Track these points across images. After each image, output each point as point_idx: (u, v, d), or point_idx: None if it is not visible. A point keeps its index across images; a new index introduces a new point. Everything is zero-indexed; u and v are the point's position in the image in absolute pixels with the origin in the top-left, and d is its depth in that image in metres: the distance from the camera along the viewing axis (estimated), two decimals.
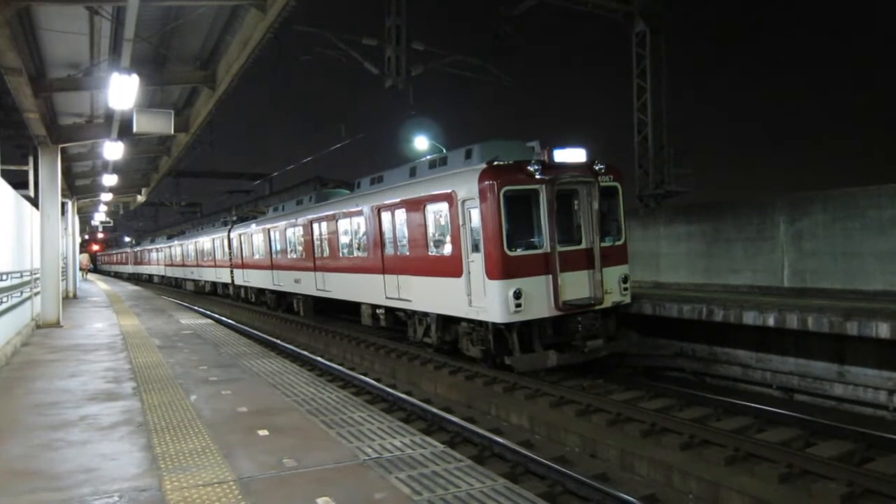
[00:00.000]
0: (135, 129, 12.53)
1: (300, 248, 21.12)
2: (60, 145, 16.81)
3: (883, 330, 9.87)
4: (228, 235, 29.94)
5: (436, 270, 12.90)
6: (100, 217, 40.65)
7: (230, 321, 24.46)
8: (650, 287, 17.35)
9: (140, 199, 36.28)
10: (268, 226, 24.39)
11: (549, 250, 11.47)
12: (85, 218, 44.05)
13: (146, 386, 8.89)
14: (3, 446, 6.32)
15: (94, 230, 62.75)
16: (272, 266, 24.16)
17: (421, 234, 13.36)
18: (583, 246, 12.03)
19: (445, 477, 5.25)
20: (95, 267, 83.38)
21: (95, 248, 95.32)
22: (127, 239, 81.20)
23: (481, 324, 11.99)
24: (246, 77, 14.00)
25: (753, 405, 10.06)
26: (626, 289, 12.47)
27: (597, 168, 12.05)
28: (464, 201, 11.87)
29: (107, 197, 30.58)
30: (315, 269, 19.75)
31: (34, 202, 17.24)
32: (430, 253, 13.14)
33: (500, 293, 11.14)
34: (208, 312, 26.86)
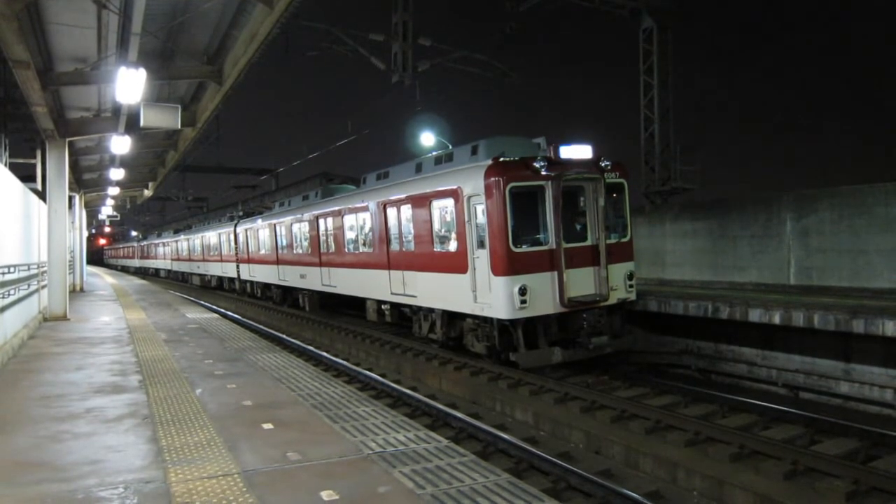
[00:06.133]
0: (142, 124, 12.54)
1: (306, 243, 21.15)
2: (68, 139, 16.87)
3: (889, 328, 9.85)
4: (234, 230, 30.00)
5: (441, 266, 12.90)
6: (107, 211, 40.79)
7: (236, 316, 24.54)
8: (656, 284, 17.32)
9: (147, 193, 36.41)
10: (273, 221, 24.42)
11: (554, 247, 11.44)
12: (92, 212, 44.23)
13: (152, 379, 8.93)
14: (10, 438, 6.36)
15: (101, 224, 62.94)
16: (278, 261, 24.20)
17: (426, 230, 13.36)
18: (588, 242, 12.00)
19: (449, 471, 5.26)
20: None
21: (102, 241, 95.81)
22: (134, 233, 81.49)
23: (486, 320, 11.99)
24: (252, 72, 14.03)
25: (759, 403, 10.04)
26: (631, 286, 12.44)
27: (603, 164, 12.01)
28: (469, 197, 11.86)
29: (114, 191, 30.69)
30: (321, 264, 19.78)
31: (42, 195, 17.32)
32: (435, 249, 13.14)
33: (505, 289, 11.13)
34: (214, 307, 26.95)
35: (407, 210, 14.17)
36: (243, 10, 12.15)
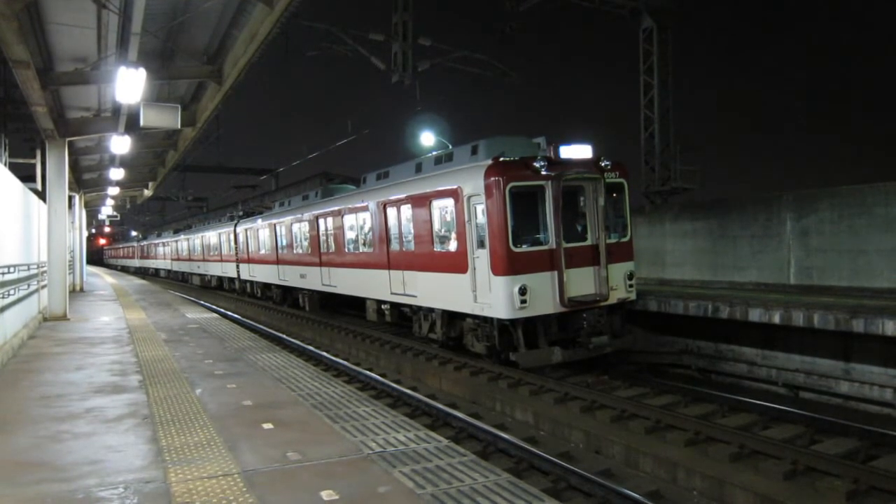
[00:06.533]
0: (142, 124, 12.55)
1: (306, 243, 21.16)
2: (68, 139, 16.87)
3: (889, 327, 9.84)
4: (234, 230, 30.00)
5: (441, 266, 12.90)
6: (107, 211, 40.78)
7: (236, 315, 24.54)
8: (655, 284, 17.32)
9: (147, 193, 36.38)
10: (273, 221, 24.42)
11: (554, 247, 11.44)
12: (92, 212, 44.22)
13: (152, 379, 8.93)
14: (10, 438, 6.36)
15: (101, 224, 62.93)
16: (278, 261, 24.21)
17: (426, 229, 13.36)
18: (588, 242, 12.00)
19: (449, 471, 5.26)
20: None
21: (102, 241, 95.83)
22: (134, 233, 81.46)
23: (486, 320, 11.99)
24: (252, 72, 14.03)
25: (759, 402, 10.04)
26: (631, 285, 12.44)
27: (603, 164, 12.01)
28: (469, 197, 11.85)
29: (114, 191, 30.69)
30: (321, 264, 19.78)
31: (42, 195, 17.31)
32: (435, 249, 13.14)
33: (505, 289, 11.13)
34: (214, 307, 26.95)
35: (407, 210, 14.17)
36: (243, 10, 12.15)
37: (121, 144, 16.42)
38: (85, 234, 35.81)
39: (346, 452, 5.75)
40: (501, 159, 11.57)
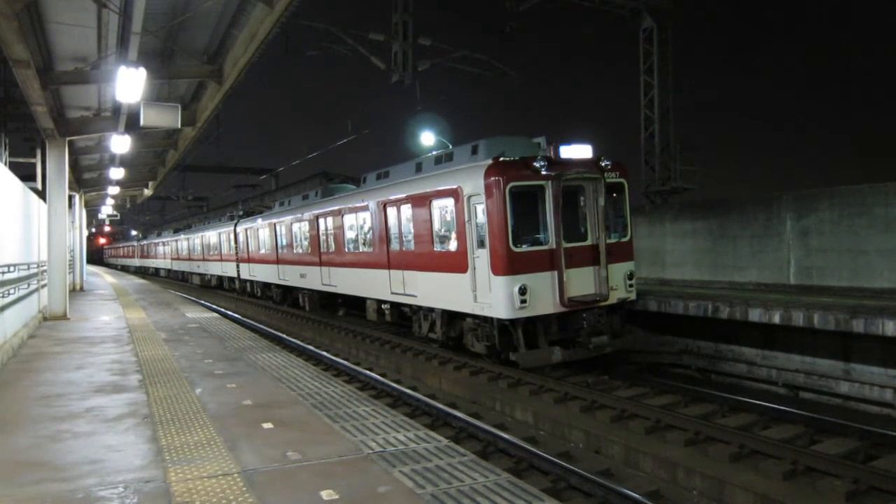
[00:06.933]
0: (142, 123, 12.55)
1: (306, 242, 21.15)
2: (68, 138, 16.86)
3: (889, 328, 9.84)
4: (234, 230, 30.00)
5: (441, 266, 12.90)
6: (107, 210, 40.75)
7: (236, 315, 24.53)
8: (656, 284, 17.32)
9: (147, 192, 36.37)
10: (273, 220, 24.41)
11: (554, 246, 11.44)
12: (92, 211, 44.21)
13: (152, 379, 8.93)
14: (9, 437, 6.36)
15: (101, 223, 62.90)
16: (278, 261, 24.20)
17: (426, 229, 13.36)
18: (588, 242, 12.00)
19: (449, 471, 5.25)
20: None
21: (102, 241, 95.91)
22: (134, 232, 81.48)
23: (486, 320, 11.99)
24: (253, 72, 14.04)
25: (758, 402, 10.04)
26: (631, 285, 12.44)
27: (603, 164, 12.01)
28: (469, 197, 11.85)
29: (114, 190, 30.69)
30: (321, 263, 19.77)
31: (42, 195, 17.31)
32: (435, 248, 13.14)
33: (505, 289, 11.13)
34: (214, 306, 26.95)
35: (407, 210, 14.17)
36: (243, 9, 12.15)
37: (121, 144, 16.42)
38: (85, 233, 35.80)
39: (346, 452, 5.75)
40: (501, 159, 11.56)
